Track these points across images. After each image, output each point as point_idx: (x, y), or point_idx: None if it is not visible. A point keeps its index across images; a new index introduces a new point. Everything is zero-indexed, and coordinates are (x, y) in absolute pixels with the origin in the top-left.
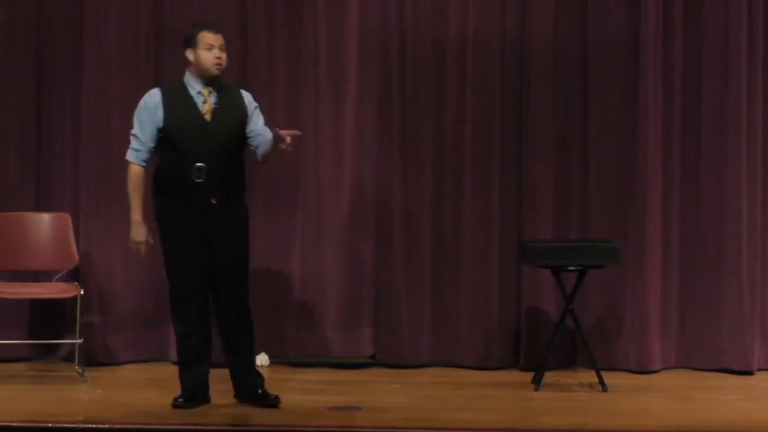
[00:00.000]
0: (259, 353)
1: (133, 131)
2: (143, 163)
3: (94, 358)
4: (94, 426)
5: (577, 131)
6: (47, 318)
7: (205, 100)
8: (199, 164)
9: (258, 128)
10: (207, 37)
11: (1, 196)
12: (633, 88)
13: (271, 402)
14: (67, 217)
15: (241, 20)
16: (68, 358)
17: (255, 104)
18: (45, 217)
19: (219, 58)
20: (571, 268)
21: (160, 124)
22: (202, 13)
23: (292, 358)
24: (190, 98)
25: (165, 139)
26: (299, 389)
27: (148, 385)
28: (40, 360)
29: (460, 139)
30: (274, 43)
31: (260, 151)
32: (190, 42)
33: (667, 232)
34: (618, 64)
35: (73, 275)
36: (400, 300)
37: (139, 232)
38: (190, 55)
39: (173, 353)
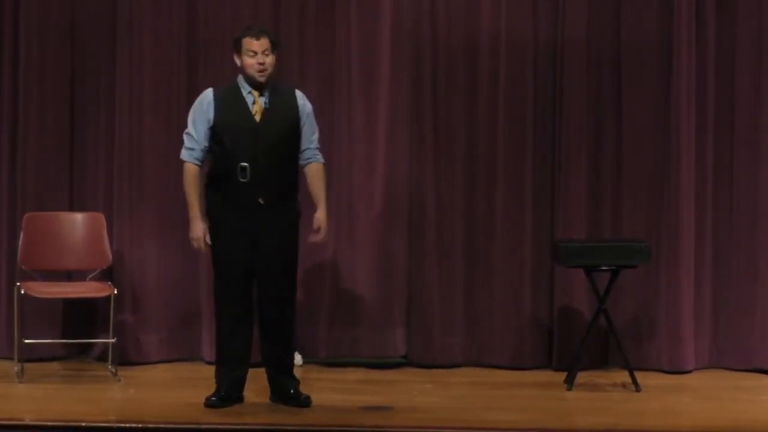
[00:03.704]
0: None
1: (187, 130)
2: (198, 162)
3: (127, 357)
4: (126, 425)
5: (610, 131)
6: (80, 317)
7: (254, 100)
8: (243, 164)
9: (306, 143)
10: (249, 43)
11: (36, 196)
12: (666, 89)
13: (301, 402)
14: (101, 217)
15: (274, 20)
16: (101, 358)
17: (309, 110)
18: (78, 217)
19: (262, 64)
20: (603, 267)
21: (211, 123)
22: (235, 13)
23: (325, 358)
24: (241, 98)
25: (215, 137)
26: (332, 389)
27: (180, 385)
28: (74, 359)
29: (492, 139)
30: (307, 43)
31: (305, 171)
32: (236, 47)
33: (700, 232)
34: (651, 64)
35: (106, 275)
36: (432, 300)
37: (197, 228)
38: (237, 60)
39: (206, 353)
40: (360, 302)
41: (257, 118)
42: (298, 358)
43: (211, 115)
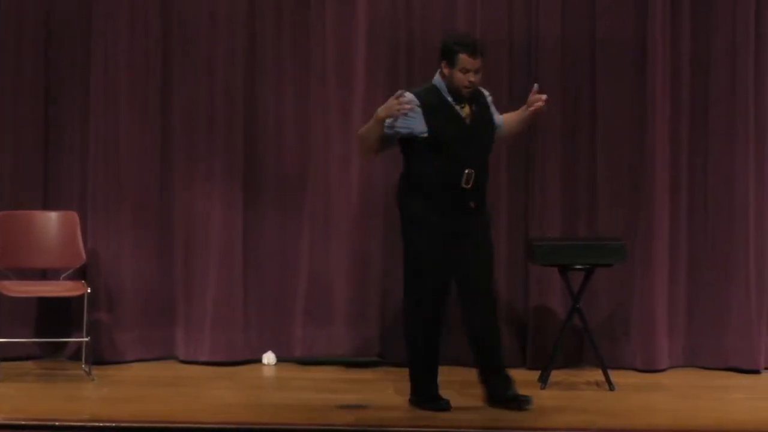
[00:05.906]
0: (266, 352)
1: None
2: None
3: (101, 356)
4: (100, 424)
5: (585, 130)
6: (54, 316)
7: (463, 105)
8: (468, 170)
9: (499, 122)
10: (465, 61)
11: (9, 195)
12: (641, 87)
13: (520, 404)
14: (75, 216)
15: (249, 19)
16: (75, 357)
17: (491, 100)
18: (52, 216)
19: (471, 81)
20: (578, 266)
21: (424, 131)
22: (210, 12)
23: (300, 357)
24: (448, 103)
25: (427, 144)
26: (307, 388)
27: (155, 384)
28: (48, 358)
29: None
30: (282, 42)
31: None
32: (449, 60)
33: (674, 231)
34: (625, 62)
35: (80, 273)
36: None
37: (385, 106)
38: (445, 69)
39: (180, 352)
40: (335, 301)
41: (467, 122)
42: (271, 357)
43: (421, 124)
